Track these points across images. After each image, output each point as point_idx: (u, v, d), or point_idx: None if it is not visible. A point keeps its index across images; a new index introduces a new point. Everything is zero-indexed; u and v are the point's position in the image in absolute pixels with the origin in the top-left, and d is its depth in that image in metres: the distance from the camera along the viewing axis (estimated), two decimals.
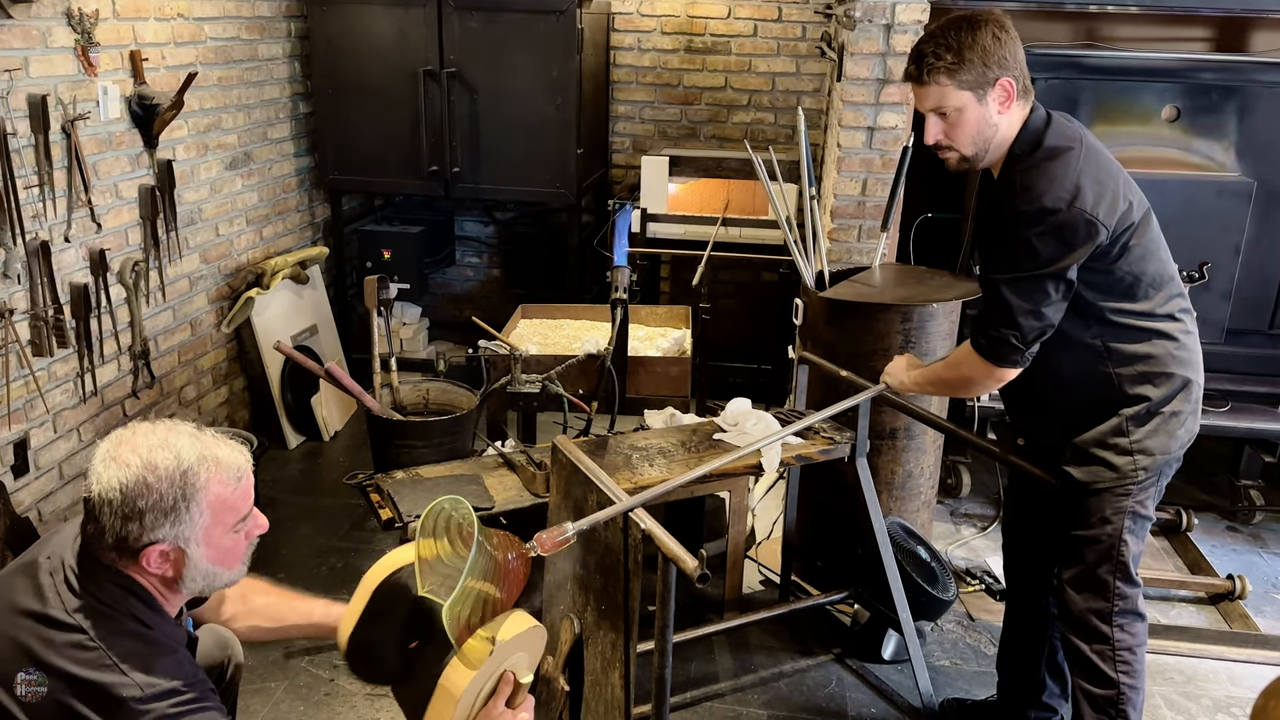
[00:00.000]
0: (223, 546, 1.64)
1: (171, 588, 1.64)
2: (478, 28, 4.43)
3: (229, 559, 1.66)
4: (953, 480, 3.99)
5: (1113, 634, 2.22)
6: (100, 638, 1.53)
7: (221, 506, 1.61)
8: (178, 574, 1.62)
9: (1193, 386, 2.20)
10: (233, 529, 1.65)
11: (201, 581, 1.65)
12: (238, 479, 1.63)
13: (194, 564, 1.61)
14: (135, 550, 1.57)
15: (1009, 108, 2.12)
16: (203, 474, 1.58)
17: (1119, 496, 2.18)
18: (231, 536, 1.65)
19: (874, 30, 3.46)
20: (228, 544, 1.65)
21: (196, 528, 1.59)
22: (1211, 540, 3.80)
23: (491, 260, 5.67)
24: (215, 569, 1.65)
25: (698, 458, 2.65)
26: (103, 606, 1.56)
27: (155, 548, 1.57)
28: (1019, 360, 2.14)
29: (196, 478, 1.57)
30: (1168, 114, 3.71)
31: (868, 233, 3.71)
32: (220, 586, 1.72)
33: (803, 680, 2.94)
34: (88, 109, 3.23)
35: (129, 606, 1.59)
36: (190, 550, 1.60)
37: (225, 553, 1.65)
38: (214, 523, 1.61)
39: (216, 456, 1.61)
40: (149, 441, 1.57)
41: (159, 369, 3.74)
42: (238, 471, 1.64)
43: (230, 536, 1.65)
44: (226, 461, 1.62)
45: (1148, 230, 2.14)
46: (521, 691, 1.82)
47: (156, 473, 1.55)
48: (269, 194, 4.53)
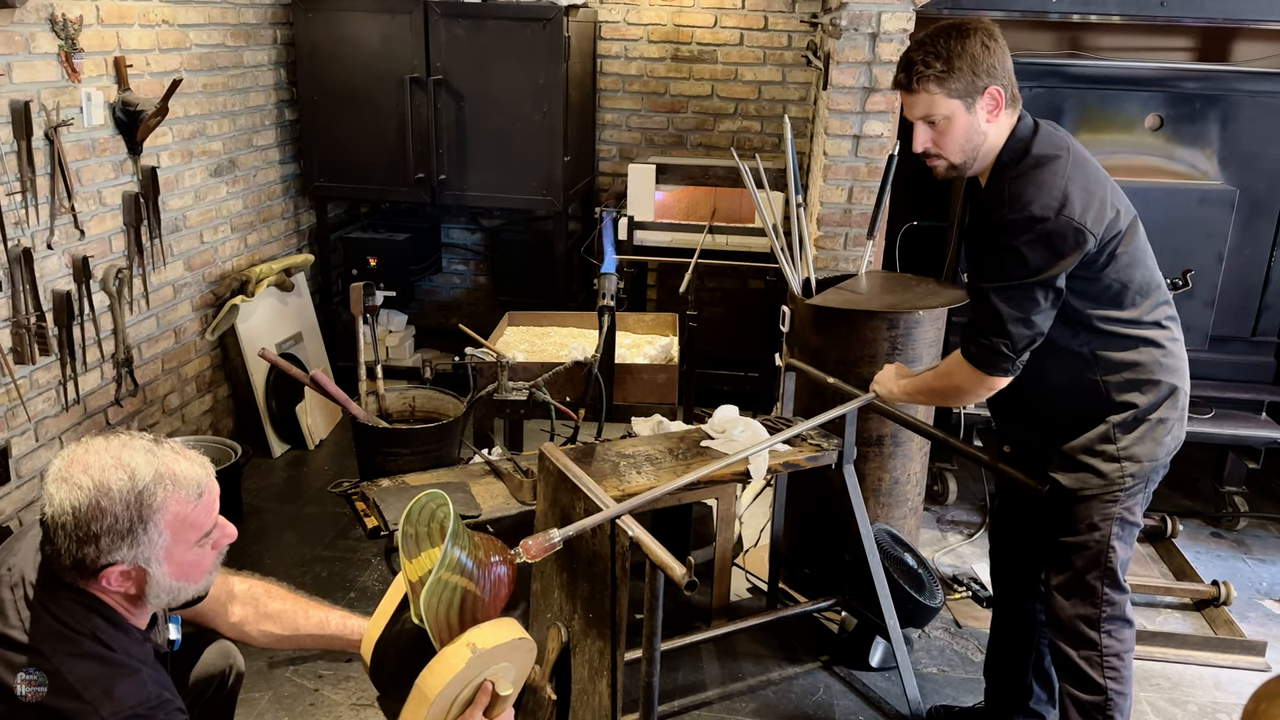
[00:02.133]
0: (186, 562, 1.59)
1: (136, 604, 1.60)
2: (464, 35, 4.43)
3: (194, 573, 1.62)
4: (939, 487, 4.00)
5: (1101, 640, 2.22)
6: (58, 662, 1.49)
7: (182, 525, 1.55)
8: (140, 592, 1.57)
9: (1179, 393, 2.21)
10: (196, 544, 1.59)
11: (166, 598, 1.61)
12: (198, 495, 1.57)
13: (156, 582, 1.56)
14: (94, 571, 1.52)
15: (997, 116, 2.13)
16: (159, 494, 1.52)
17: (1107, 503, 2.19)
18: (195, 551, 1.60)
19: (859, 39, 3.47)
20: (191, 559, 1.60)
21: (156, 548, 1.53)
22: (1196, 546, 3.81)
23: (478, 268, 5.66)
24: (179, 584, 1.60)
25: (685, 465, 2.65)
26: (62, 627, 1.52)
27: (115, 568, 1.52)
28: (1009, 369, 2.15)
29: (153, 498, 1.51)
30: (1151, 122, 3.74)
31: (854, 240, 3.72)
32: (187, 599, 1.67)
33: (790, 688, 2.94)
34: (71, 115, 3.21)
35: (91, 626, 1.54)
36: (152, 569, 1.55)
37: (189, 567, 1.60)
38: (175, 541, 1.55)
39: (174, 473, 1.54)
40: (101, 461, 1.50)
41: (142, 377, 3.71)
42: (198, 487, 1.57)
43: (194, 551, 1.60)
44: (185, 478, 1.55)
45: (1135, 238, 2.15)
46: (501, 705, 1.77)
47: (110, 495, 1.48)
48: (254, 201, 4.51)
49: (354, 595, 3.27)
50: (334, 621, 1.98)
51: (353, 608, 3.18)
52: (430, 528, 1.85)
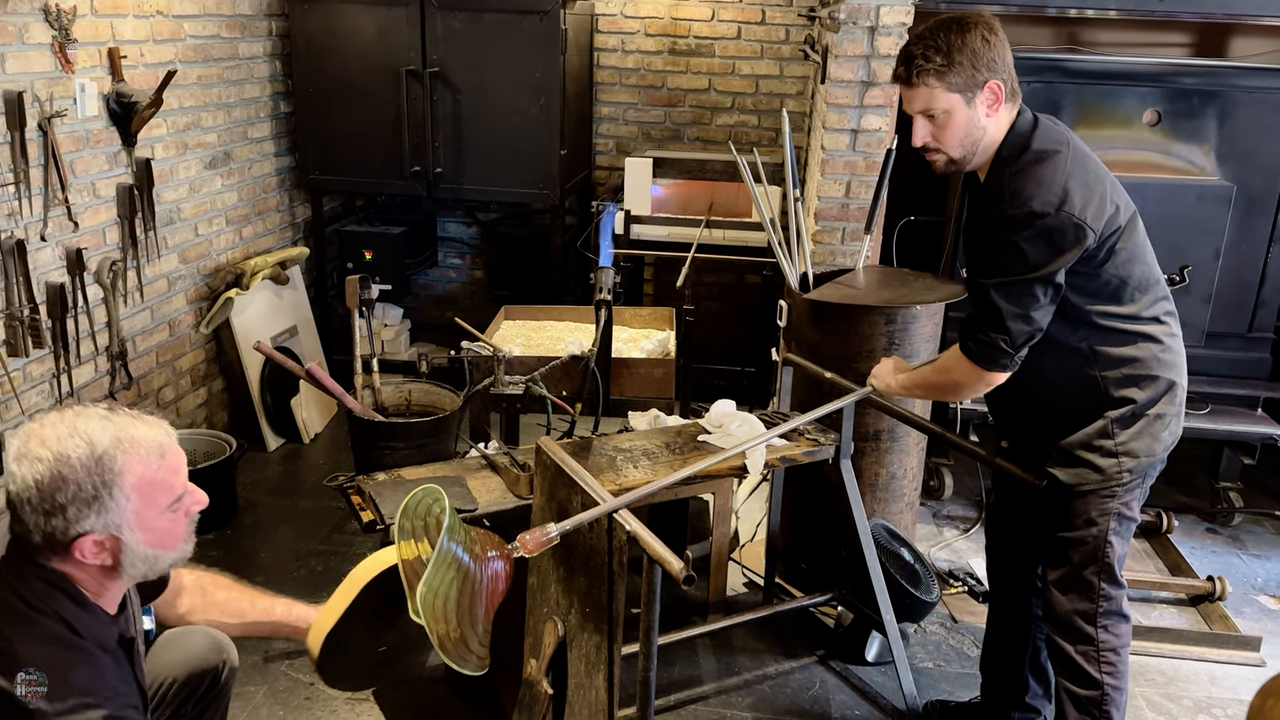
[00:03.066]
0: (159, 528, 1.57)
1: (111, 576, 1.58)
2: (461, 27, 4.41)
3: (169, 540, 1.60)
4: (935, 482, 4.00)
5: (1097, 635, 2.22)
6: (14, 641, 1.48)
7: (148, 487, 1.54)
8: (116, 561, 1.55)
9: (1177, 389, 2.21)
10: (168, 509, 1.58)
11: (143, 567, 1.59)
12: (160, 456, 1.56)
13: (131, 550, 1.55)
14: (66, 544, 1.51)
15: (997, 110, 2.12)
16: (119, 457, 1.51)
17: (1104, 498, 2.18)
18: (168, 517, 1.58)
19: (858, 33, 3.46)
20: (164, 525, 1.58)
21: (126, 513, 1.52)
22: (1191, 542, 3.82)
23: (474, 261, 5.64)
24: (155, 552, 1.58)
25: (682, 459, 2.64)
26: (24, 606, 1.51)
27: (87, 538, 1.51)
28: (1008, 364, 2.14)
29: (114, 462, 1.50)
30: (1149, 118, 3.73)
31: (851, 235, 3.71)
32: (165, 568, 1.65)
33: (786, 682, 2.93)
34: (65, 106, 3.19)
35: (55, 605, 1.53)
36: (125, 536, 1.53)
37: (164, 534, 1.59)
38: (144, 505, 1.54)
39: (133, 437, 1.53)
40: (57, 432, 1.50)
41: (136, 370, 3.69)
42: (159, 449, 1.56)
43: (166, 517, 1.58)
44: (145, 440, 1.54)
45: (1134, 233, 2.15)
46: None
47: (70, 464, 1.48)
48: (249, 194, 4.49)
49: None
50: (279, 609, 2.00)
51: None
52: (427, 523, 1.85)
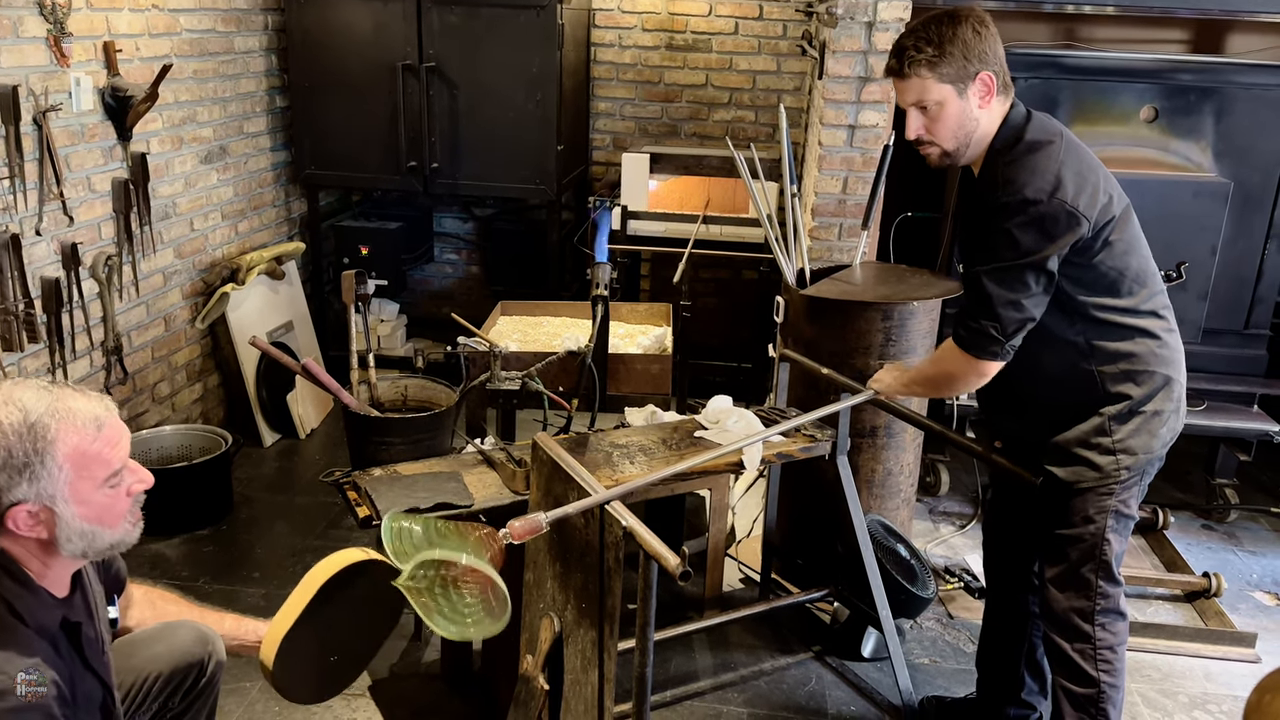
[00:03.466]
0: (97, 503, 1.56)
1: (49, 552, 1.56)
2: (457, 22, 4.40)
3: (108, 517, 1.58)
4: (931, 478, 4.00)
5: (1094, 633, 2.22)
6: None
7: (83, 459, 1.53)
8: (51, 535, 1.54)
9: (1174, 385, 2.21)
10: (105, 484, 1.57)
11: (80, 542, 1.57)
12: (97, 428, 1.55)
13: (66, 523, 1.54)
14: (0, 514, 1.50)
15: (989, 103, 2.13)
16: (53, 425, 1.50)
17: (1102, 496, 2.18)
18: (106, 492, 1.57)
19: (856, 28, 3.46)
20: (102, 500, 1.57)
21: (59, 483, 1.51)
22: (1187, 538, 3.82)
23: (470, 257, 5.63)
24: (92, 528, 1.57)
25: (679, 455, 2.64)
26: None
27: (20, 508, 1.50)
28: (1000, 353, 2.14)
29: (46, 430, 1.49)
30: (1146, 114, 3.73)
31: (848, 231, 3.71)
32: (105, 547, 1.62)
33: (783, 678, 2.94)
34: (60, 100, 3.18)
35: None
36: (59, 509, 1.52)
37: (102, 510, 1.57)
38: (79, 478, 1.53)
39: (69, 407, 1.53)
40: None
41: (132, 365, 3.68)
42: (96, 421, 1.55)
43: (104, 492, 1.57)
44: (81, 411, 1.54)
45: (1128, 225, 2.15)
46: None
47: (1, 429, 1.47)
48: (245, 189, 4.48)
49: None
50: (228, 624, 2.00)
51: None
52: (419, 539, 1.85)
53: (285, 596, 2.08)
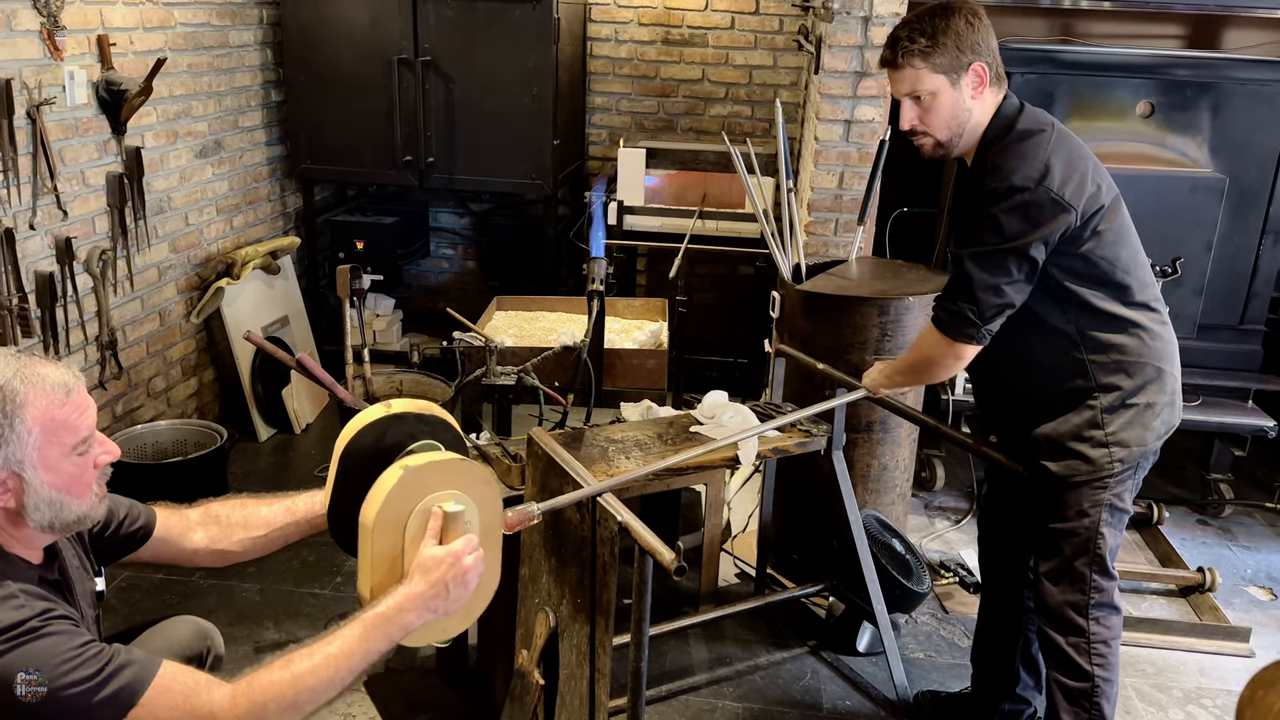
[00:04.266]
0: (65, 471, 1.55)
1: (16, 522, 1.56)
2: (453, 16, 4.39)
3: (75, 486, 1.58)
4: (927, 474, 4.00)
5: (1088, 627, 2.22)
6: None
7: (52, 424, 1.53)
8: (19, 503, 1.53)
9: (1166, 377, 2.21)
10: (74, 451, 1.56)
11: (48, 512, 1.56)
12: (65, 393, 1.55)
13: (34, 490, 1.53)
14: None
15: (982, 93, 2.15)
16: (22, 389, 1.50)
17: (1096, 489, 2.19)
18: (74, 461, 1.56)
19: (852, 23, 3.45)
20: (70, 469, 1.56)
21: (27, 448, 1.51)
22: (1182, 533, 3.83)
23: (466, 252, 5.63)
24: (60, 496, 1.56)
25: (674, 450, 2.63)
26: None
27: None
28: (975, 336, 2.15)
29: (16, 394, 1.49)
30: (1142, 110, 3.73)
31: (844, 226, 3.71)
32: (72, 520, 1.60)
33: (778, 673, 2.94)
34: (54, 94, 3.17)
35: None
36: (27, 475, 1.52)
37: (70, 479, 1.56)
38: (47, 443, 1.52)
39: (39, 373, 1.53)
40: None
41: (127, 360, 3.68)
42: (64, 387, 1.55)
43: (72, 461, 1.56)
44: (51, 378, 1.54)
45: (1118, 216, 2.16)
46: (454, 526, 1.70)
47: None
48: (240, 183, 4.47)
49: (341, 579, 3.25)
50: (301, 504, 1.95)
51: (340, 591, 3.19)
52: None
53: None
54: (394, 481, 1.67)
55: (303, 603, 3.14)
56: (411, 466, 1.69)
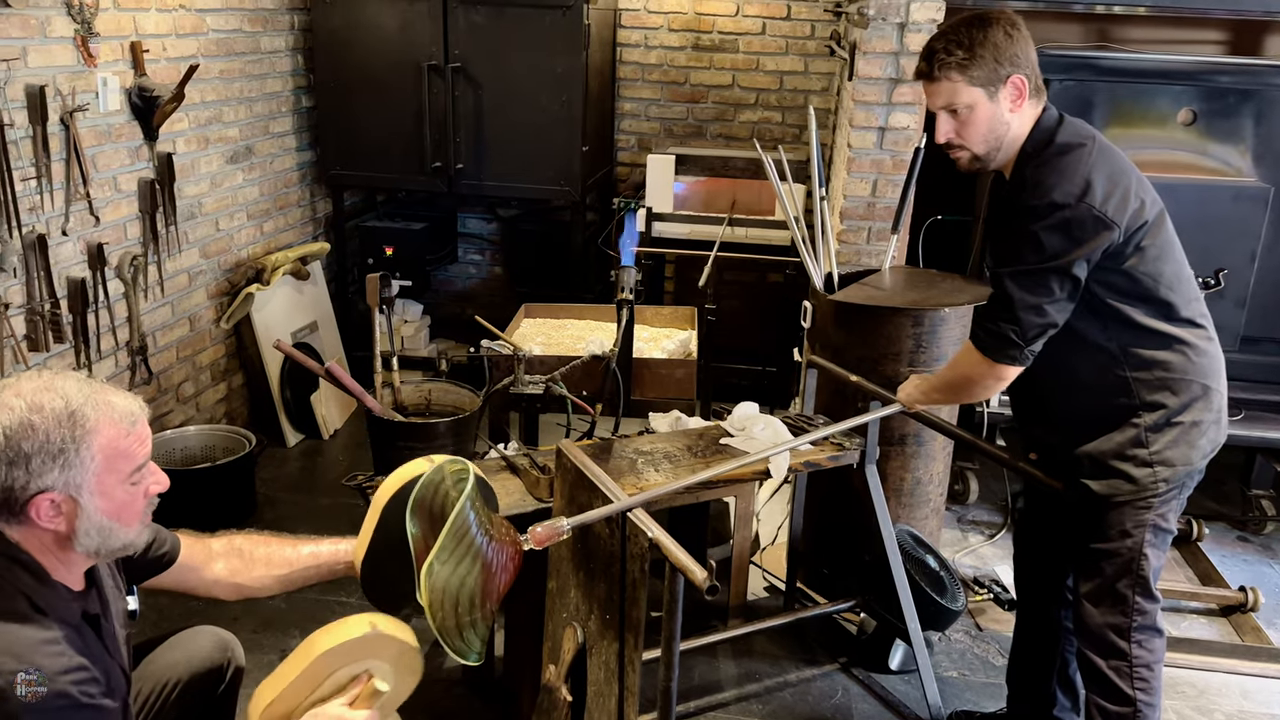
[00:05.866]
0: (118, 499, 1.56)
1: (65, 547, 1.55)
2: (483, 22, 4.38)
3: (126, 514, 1.58)
4: (960, 487, 3.94)
5: (1130, 650, 2.16)
6: None
7: (114, 452, 1.53)
8: (70, 528, 1.53)
9: (1213, 394, 2.15)
10: (128, 480, 1.57)
11: (97, 538, 1.56)
12: (131, 423, 1.56)
13: (87, 515, 1.53)
14: (23, 502, 1.48)
15: (1020, 106, 2.10)
16: (92, 415, 1.51)
17: (1139, 509, 2.13)
18: (128, 489, 1.57)
19: (887, 29, 3.40)
20: (123, 496, 1.57)
21: (88, 473, 1.51)
22: (1222, 550, 3.74)
23: (494, 258, 5.62)
24: (110, 523, 1.56)
25: (704, 463, 2.60)
26: None
27: (45, 497, 1.49)
28: (1018, 357, 2.09)
29: (86, 419, 1.50)
30: (1184, 117, 3.66)
31: (877, 235, 3.66)
32: (117, 547, 1.61)
33: (808, 690, 2.89)
34: (87, 100, 3.18)
35: (14, 579, 1.51)
36: (83, 500, 1.52)
37: (121, 506, 1.57)
38: (107, 469, 1.53)
39: (108, 401, 1.54)
40: (34, 385, 1.51)
41: (157, 365, 3.69)
42: (130, 416, 1.56)
43: (126, 489, 1.57)
44: (119, 406, 1.55)
45: (1162, 231, 2.10)
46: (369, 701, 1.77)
47: (43, 413, 1.47)
48: (270, 188, 4.48)
49: None
50: (325, 549, 1.99)
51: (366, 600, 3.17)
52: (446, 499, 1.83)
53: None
54: (358, 633, 1.74)
55: (328, 610, 3.12)
56: (379, 630, 1.77)
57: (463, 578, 1.77)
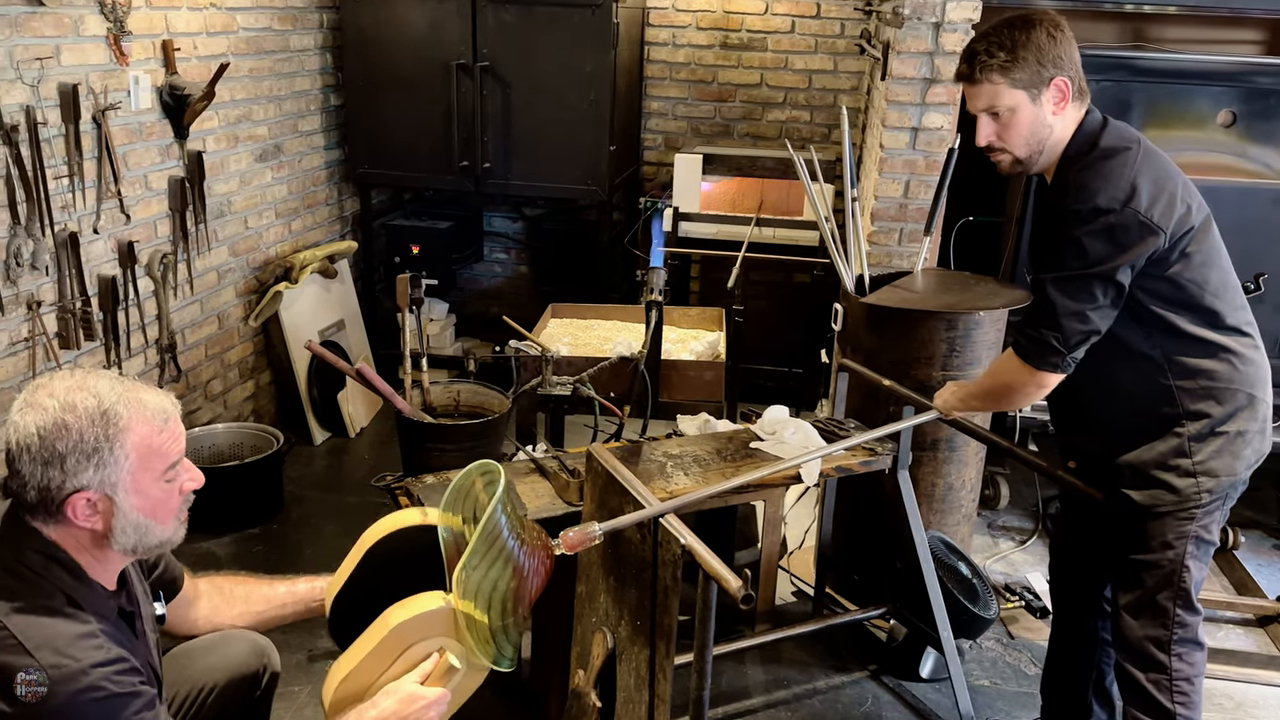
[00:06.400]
0: (153, 496, 1.56)
1: (102, 545, 1.56)
2: (512, 21, 4.36)
3: (161, 511, 1.58)
4: (991, 492, 3.89)
5: (1171, 663, 2.12)
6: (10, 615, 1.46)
7: (148, 450, 1.54)
8: (107, 526, 1.53)
9: (1258, 404, 2.10)
10: (163, 477, 1.57)
11: (134, 536, 1.56)
12: (164, 420, 1.56)
13: (123, 514, 1.53)
14: (59, 501, 1.49)
15: (1064, 108, 2.06)
16: (125, 413, 1.51)
17: (1181, 520, 2.08)
18: (163, 486, 1.57)
19: (922, 28, 3.36)
20: (158, 494, 1.57)
21: (123, 472, 1.51)
22: (1258, 559, 3.68)
23: (519, 257, 5.61)
24: (147, 521, 1.56)
25: (734, 467, 2.57)
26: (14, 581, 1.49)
27: (81, 496, 1.49)
28: (1060, 365, 2.05)
29: (119, 417, 1.50)
30: (1223, 119, 3.59)
31: (909, 236, 3.62)
32: (154, 545, 1.61)
33: (837, 697, 2.86)
34: (119, 99, 3.19)
35: (53, 577, 1.51)
36: (119, 498, 1.52)
37: (157, 504, 1.57)
38: (141, 468, 1.53)
39: (140, 399, 1.54)
40: (66, 385, 1.51)
41: (186, 362, 3.70)
42: (163, 414, 1.56)
43: (161, 486, 1.57)
44: (151, 403, 1.55)
45: (1208, 237, 2.06)
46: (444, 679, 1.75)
47: (75, 412, 1.48)
48: (298, 187, 4.49)
49: None
50: (301, 587, 2.00)
51: None
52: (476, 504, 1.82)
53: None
54: (434, 606, 1.72)
55: None
56: (455, 606, 1.73)
57: (494, 582, 1.75)
